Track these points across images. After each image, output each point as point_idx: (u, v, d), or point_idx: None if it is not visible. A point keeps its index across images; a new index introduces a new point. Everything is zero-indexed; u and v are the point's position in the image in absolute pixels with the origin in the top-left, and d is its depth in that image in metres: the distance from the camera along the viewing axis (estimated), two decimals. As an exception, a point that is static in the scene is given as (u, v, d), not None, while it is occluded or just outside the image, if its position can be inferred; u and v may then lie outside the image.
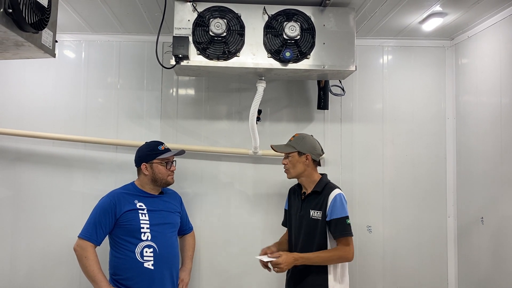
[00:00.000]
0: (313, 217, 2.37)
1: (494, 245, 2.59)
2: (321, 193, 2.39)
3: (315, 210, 2.37)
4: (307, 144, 2.45)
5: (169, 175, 2.56)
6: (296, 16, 2.41)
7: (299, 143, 2.44)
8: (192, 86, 3.10)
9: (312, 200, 2.41)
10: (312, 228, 2.36)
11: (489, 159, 2.65)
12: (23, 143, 3.00)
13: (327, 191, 2.38)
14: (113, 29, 2.97)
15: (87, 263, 2.37)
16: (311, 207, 2.40)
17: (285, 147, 2.48)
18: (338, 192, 2.36)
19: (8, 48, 1.69)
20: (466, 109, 2.94)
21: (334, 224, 2.30)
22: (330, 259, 2.31)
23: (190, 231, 2.84)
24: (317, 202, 2.38)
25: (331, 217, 2.31)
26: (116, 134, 3.03)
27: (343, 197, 2.36)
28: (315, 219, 2.36)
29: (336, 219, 2.30)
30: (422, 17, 2.67)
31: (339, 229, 2.30)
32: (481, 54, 2.75)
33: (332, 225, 2.31)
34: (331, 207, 2.32)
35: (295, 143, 2.45)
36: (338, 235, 2.30)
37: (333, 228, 2.31)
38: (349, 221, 2.31)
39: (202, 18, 2.38)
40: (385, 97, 3.11)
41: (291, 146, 2.45)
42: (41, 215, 2.98)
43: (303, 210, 2.44)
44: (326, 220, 2.33)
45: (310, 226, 2.38)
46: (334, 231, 2.31)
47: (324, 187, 2.40)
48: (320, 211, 2.35)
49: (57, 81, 3.04)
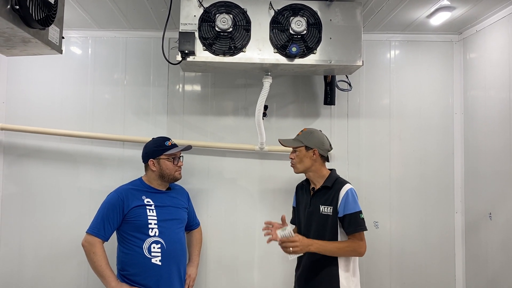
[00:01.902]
0: (323, 212, 2.34)
1: (502, 241, 2.57)
2: (331, 188, 2.36)
3: (325, 206, 2.35)
4: (315, 139, 2.43)
5: (176, 170, 2.57)
6: (303, 11, 2.40)
7: (307, 138, 2.42)
8: (198, 82, 3.10)
9: (322, 195, 2.38)
10: (322, 223, 2.34)
11: (497, 154, 2.63)
12: (30, 139, 3.02)
13: (337, 186, 2.35)
14: (120, 25, 2.98)
15: (95, 259, 2.38)
16: (321, 202, 2.37)
17: (293, 141, 2.46)
18: (349, 187, 2.33)
19: (15, 44, 1.70)
20: (474, 104, 2.91)
21: (348, 219, 2.27)
22: (344, 250, 2.27)
23: (197, 226, 2.85)
24: (327, 197, 2.36)
25: (344, 213, 2.28)
26: (122, 130, 3.04)
27: (355, 191, 2.33)
28: (325, 214, 2.33)
29: (350, 215, 2.27)
30: (430, 11, 2.65)
31: (353, 224, 2.27)
32: (489, 48, 2.73)
33: (345, 220, 2.28)
34: (344, 202, 2.29)
35: (303, 137, 2.43)
36: (352, 230, 2.27)
37: (346, 224, 2.28)
38: (362, 215, 2.29)
39: (208, 13, 2.38)
40: (392, 92, 3.09)
41: (298, 141, 2.42)
42: (49, 211, 3.00)
43: (312, 205, 2.41)
44: (338, 216, 2.30)
45: (320, 221, 2.35)
46: (347, 227, 2.28)
47: (334, 182, 2.37)
48: (330, 207, 2.32)
49: (64, 77, 3.05)
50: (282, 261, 2.98)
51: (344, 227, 2.30)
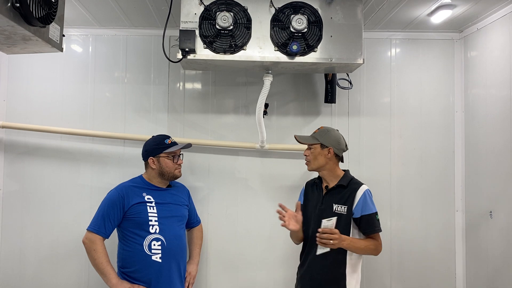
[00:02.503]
0: (336, 211, 2.33)
1: (503, 239, 2.57)
2: (346, 187, 2.36)
3: (339, 205, 2.34)
4: (331, 137, 2.41)
5: (176, 168, 2.57)
6: (303, 9, 2.39)
7: (323, 136, 2.40)
8: (199, 80, 3.10)
9: (335, 194, 2.38)
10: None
11: (498, 152, 2.62)
12: (31, 137, 3.02)
13: (354, 187, 2.35)
14: (120, 23, 2.98)
15: (95, 256, 2.38)
16: (334, 201, 2.36)
17: (309, 138, 2.44)
18: (366, 188, 2.34)
19: (16, 42, 1.70)
20: (475, 102, 2.91)
21: (365, 220, 2.29)
22: (368, 248, 2.29)
23: (198, 224, 2.85)
24: (341, 196, 2.35)
25: (362, 213, 2.28)
26: (123, 128, 3.04)
27: (371, 192, 2.35)
28: (338, 213, 2.32)
29: (367, 216, 2.29)
30: (431, 9, 2.64)
31: (371, 225, 2.29)
32: (490, 46, 2.72)
33: (362, 221, 2.29)
34: (361, 203, 2.29)
35: (319, 135, 2.41)
36: (369, 231, 2.30)
37: (364, 224, 2.29)
38: (378, 216, 2.32)
39: (208, 11, 2.37)
40: (393, 91, 3.09)
41: (314, 138, 2.41)
42: (50, 209, 3.01)
43: (324, 203, 2.39)
44: (353, 217, 2.30)
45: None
46: (365, 228, 2.30)
47: (349, 182, 2.38)
48: (345, 206, 2.32)
49: (64, 75, 3.05)
50: (283, 258, 2.98)
51: (361, 228, 2.31)
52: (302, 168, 2.99)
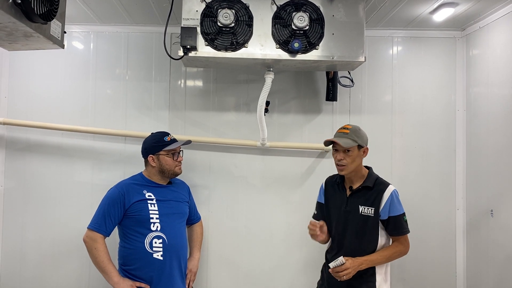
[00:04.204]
0: (363, 213, 2.25)
1: (504, 238, 2.57)
2: (372, 188, 2.27)
3: (366, 206, 2.25)
4: (364, 136, 2.31)
5: (176, 165, 2.56)
6: (305, 6, 2.39)
7: (358, 135, 2.27)
8: (200, 78, 3.09)
9: (361, 195, 2.28)
10: (362, 224, 2.25)
11: (500, 151, 2.62)
12: (32, 134, 3.02)
13: (380, 187, 2.26)
14: (121, 20, 2.97)
15: (96, 254, 2.38)
16: (360, 202, 2.27)
17: (350, 142, 2.23)
18: (393, 188, 2.27)
19: (17, 39, 1.70)
20: (477, 101, 2.90)
21: (393, 222, 2.23)
22: (391, 257, 2.25)
23: (198, 220, 2.85)
24: (367, 197, 2.26)
25: (390, 215, 2.22)
26: (124, 125, 3.04)
27: (398, 193, 2.28)
28: (365, 215, 2.24)
29: (395, 217, 2.22)
30: (433, 7, 2.63)
31: (399, 227, 2.24)
32: (492, 45, 2.71)
33: (390, 223, 2.23)
34: (389, 204, 2.22)
35: (354, 135, 2.25)
36: (397, 233, 2.25)
37: (391, 226, 2.23)
38: (405, 217, 2.27)
39: (210, 8, 2.37)
40: (395, 89, 3.08)
41: (352, 140, 2.24)
42: (50, 206, 3.01)
43: (349, 205, 2.30)
44: (380, 218, 2.23)
45: (359, 222, 2.26)
46: (392, 229, 2.24)
47: (375, 182, 2.29)
48: (372, 208, 2.24)
49: (65, 72, 3.05)
50: (283, 255, 2.99)
51: (389, 229, 2.25)
52: (303, 166, 3.00)
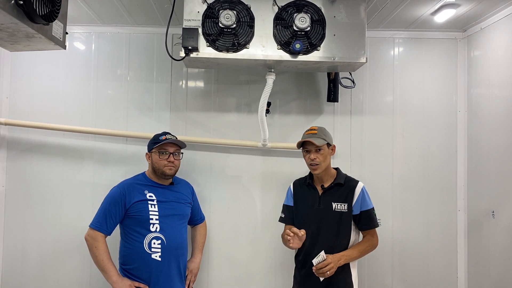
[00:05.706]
0: (336, 209, 2.35)
1: (505, 239, 2.57)
2: (344, 185, 2.38)
3: (339, 203, 2.35)
4: (330, 134, 2.45)
5: (165, 166, 2.51)
6: (307, 7, 2.39)
7: (326, 134, 2.40)
8: (202, 78, 3.10)
9: (334, 192, 2.39)
10: (335, 221, 2.34)
11: (501, 152, 2.62)
12: (34, 135, 3.03)
13: (351, 184, 2.39)
14: (123, 21, 2.97)
15: (97, 253, 2.40)
16: (333, 199, 2.36)
17: (321, 140, 2.33)
18: (362, 184, 2.39)
19: (19, 39, 1.71)
20: (478, 102, 2.90)
21: (364, 216, 2.34)
22: (365, 251, 2.36)
23: (202, 221, 2.85)
24: (340, 194, 2.37)
25: (362, 209, 2.34)
26: (126, 126, 3.05)
27: (366, 189, 2.40)
28: (338, 211, 2.34)
29: (366, 211, 2.35)
30: (434, 8, 2.64)
31: (369, 221, 2.36)
32: (494, 46, 2.71)
33: (362, 217, 2.34)
34: (360, 199, 2.34)
35: (322, 134, 2.38)
36: (367, 227, 2.36)
37: (363, 220, 2.35)
38: (375, 212, 2.38)
39: (211, 9, 2.37)
40: (396, 90, 3.08)
41: (322, 139, 2.35)
42: (52, 206, 3.01)
43: (322, 203, 2.38)
44: (353, 214, 2.33)
45: (333, 219, 2.34)
46: (364, 223, 2.35)
47: (345, 179, 2.41)
48: (345, 204, 2.34)
49: (67, 73, 3.06)
50: (285, 256, 2.98)
51: (360, 224, 2.36)
52: (304, 167, 2.98)
